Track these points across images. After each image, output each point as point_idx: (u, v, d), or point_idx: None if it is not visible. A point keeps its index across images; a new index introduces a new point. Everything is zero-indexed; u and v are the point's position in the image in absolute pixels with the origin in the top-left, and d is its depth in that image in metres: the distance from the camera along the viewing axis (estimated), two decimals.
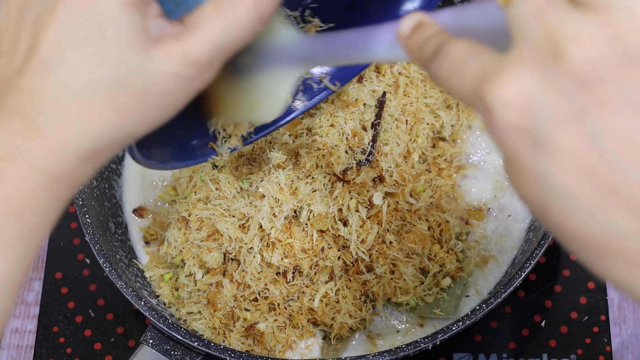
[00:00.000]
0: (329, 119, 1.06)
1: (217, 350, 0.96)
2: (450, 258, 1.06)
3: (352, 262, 1.04)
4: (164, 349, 0.98)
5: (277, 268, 1.03)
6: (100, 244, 1.02)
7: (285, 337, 1.04)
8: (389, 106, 1.08)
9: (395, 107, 1.09)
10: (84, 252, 1.16)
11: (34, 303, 1.22)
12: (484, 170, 1.13)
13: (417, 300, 1.06)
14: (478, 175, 1.13)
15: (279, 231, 1.02)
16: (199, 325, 1.04)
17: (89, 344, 1.11)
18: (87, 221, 1.03)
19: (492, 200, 1.12)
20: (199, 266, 1.06)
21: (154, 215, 1.14)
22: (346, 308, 1.04)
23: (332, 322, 1.04)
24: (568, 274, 1.13)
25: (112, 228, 1.10)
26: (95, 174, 1.11)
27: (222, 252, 1.04)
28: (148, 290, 1.07)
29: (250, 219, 1.03)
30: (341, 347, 1.04)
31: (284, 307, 1.04)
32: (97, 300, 1.14)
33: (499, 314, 1.12)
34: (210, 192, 1.06)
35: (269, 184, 1.02)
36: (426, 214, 1.07)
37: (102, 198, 1.11)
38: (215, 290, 1.04)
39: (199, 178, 1.08)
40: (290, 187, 1.02)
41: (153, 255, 1.10)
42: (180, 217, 1.06)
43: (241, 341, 1.04)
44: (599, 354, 1.09)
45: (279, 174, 1.02)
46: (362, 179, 1.03)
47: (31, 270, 1.24)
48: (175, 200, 1.12)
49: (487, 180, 1.13)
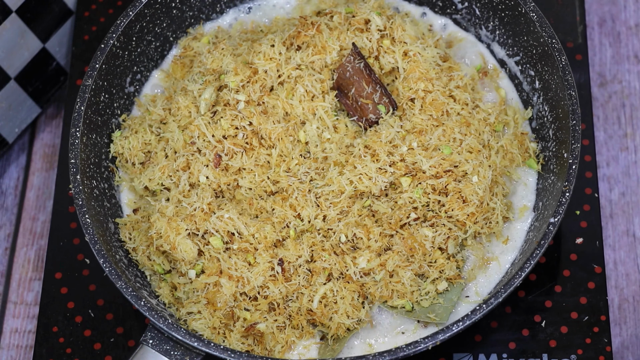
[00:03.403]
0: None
1: (217, 350, 0.96)
2: (451, 265, 1.06)
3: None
4: (164, 349, 0.98)
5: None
6: (100, 244, 1.02)
7: (285, 338, 1.04)
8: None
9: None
10: (84, 252, 1.16)
11: (33, 303, 1.22)
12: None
13: (412, 304, 1.06)
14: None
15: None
16: (198, 325, 1.04)
17: (88, 344, 1.11)
18: (87, 221, 1.03)
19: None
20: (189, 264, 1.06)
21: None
22: (344, 309, 1.04)
23: (329, 322, 1.04)
24: (568, 274, 1.13)
25: (112, 228, 1.10)
26: (95, 174, 1.11)
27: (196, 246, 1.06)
28: (148, 291, 1.07)
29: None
30: (338, 347, 1.04)
31: (284, 307, 1.05)
32: (97, 300, 1.14)
33: (499, 314, 1.11)
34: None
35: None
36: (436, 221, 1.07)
37: (102, 198, 1.11)
38: (214, 290, 1.04)
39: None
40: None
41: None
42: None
43: (241, 341, 1.04)
44: (599, 354, 1.09)
45: None
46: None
47: (31, 270, 1.24)
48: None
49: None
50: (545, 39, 1.09)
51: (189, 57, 1.20)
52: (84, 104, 1.09)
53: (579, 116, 1.05)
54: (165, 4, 1.18)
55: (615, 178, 1.26)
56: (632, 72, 1.32)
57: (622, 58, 1.33)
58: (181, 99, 1.13)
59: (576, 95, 1.06)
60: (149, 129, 1.14)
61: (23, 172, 1.31)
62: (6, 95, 1.25)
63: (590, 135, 1.19)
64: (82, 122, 1.08)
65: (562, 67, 1.07)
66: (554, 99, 1.10)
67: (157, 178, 1.11)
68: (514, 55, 1.17)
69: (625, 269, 1.21)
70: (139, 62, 1.19)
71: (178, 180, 1.10)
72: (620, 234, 1.23)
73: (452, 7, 1.21)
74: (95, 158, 1.12)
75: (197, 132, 1.10)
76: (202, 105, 1.12)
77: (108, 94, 1.14)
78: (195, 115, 1.12)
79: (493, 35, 1.19)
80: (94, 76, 1.11)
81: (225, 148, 1.09)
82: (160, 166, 1.11)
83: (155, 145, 1.13)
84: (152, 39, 1.19)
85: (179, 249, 1.06)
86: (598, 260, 1.13)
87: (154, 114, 1.15)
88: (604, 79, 1.32)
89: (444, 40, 1.20)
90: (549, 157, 1.11)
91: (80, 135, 1.08)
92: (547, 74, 1.11)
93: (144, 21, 1.17)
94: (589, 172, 1.17)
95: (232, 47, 1.16)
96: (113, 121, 1.16)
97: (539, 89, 1.14)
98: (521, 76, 1.17)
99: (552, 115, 1.11)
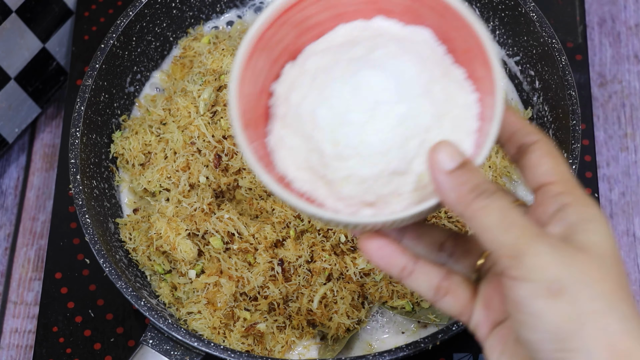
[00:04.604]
0: None
1: (217, 350, 0.96)
2: None
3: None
4: (164, 349, 0.98)
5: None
6: (100, 244, 1.02)
7: (285, 338, 1.04)
8: None
9: None
10: (84, 252, 1.16)
11: (33, 303, 1.22)
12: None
13: (412, 304, 1.06)
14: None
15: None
16: (198, 325, 1.04)
17: (88, 344, 1.11)
18: (87, 221, 1.03)
19: None
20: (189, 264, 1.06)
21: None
22: (344, 309, 1.04)
23: (329, 322, 1.04)
24: None
25: (112, 228, 1.10)
26: (95, 174, 1.11)
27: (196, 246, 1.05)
28: (148, 291, 1.07)
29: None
30: (338, 347, 1.04)
31: (284, 307, 1.05)
32: (97, 300, 1.14)
33: None
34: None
35: None
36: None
37: (102, 198, 1.11)
38: (214, 290, 1.04)
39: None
40: None
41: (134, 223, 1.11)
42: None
43: (241, 341, 1.04)
44: None
45: None
46: None
47: (31, 270, 1.24)
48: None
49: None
50: (545, 39, 1.09)
51: (189, 58, 1.20)
52: (84, 104, 1.09)
53: (579, 116, 1.05)
54: (165, 4, 1.18)
55: (615, 178, 1.26)
56: (632, 72, 1.32)
57: (622, 58, 1.33)
58: (180, 100, 1.13)
59: (576, 95, 1.06)
60: (149, 130, 1.14)
61: (23, 172, 1.31)
62: (6, 95, 1.25)
63: (590, 135, 1.19)
64: (82, 122, 1.08)
65: (562, 67, 1.07)
66: (554, 99, 1.10)
67: (156, 180, 1.11)
68: (514, 55, 1.17)
69: (625, 269, 1.21)
70: (139, 62, 1.19)
71: (178, 180, 1.10)
72: (620, 234, 1.23)
73: None
74: (95, 158, 1.12)
75: (197, 132, 1.10)
76: (201, 106, 1.12)
77: (108, 94, 1.14)
78: (195, 115, 1.12)
79: (493, 35, 1.19)
80: (94, 76, 1.11)
81: (225, 148, 1.09)
82: (159, 168, 1.11)
83: (155, 146, 1.13)
84: (152, 39, 1.19)
85: (179, 249, 1.06)
86: None
87: (154, 115, 1.15)
88: (604, 79, 1.32)
89: None
90: None
91: (80, 135, 1.08)
92: (547, 74, 1.11)
93: (144, 21, 1.17)
94: (588, 172, 1.17)
95: (232, 48, 1.16)
96: (113, 121, 1.16)
97: (539, 89, 1.14)
98: (521, 76, 1.17)
99: (552, 115, 1.11)
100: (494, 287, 0.76)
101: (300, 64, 0.79)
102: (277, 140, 0.78)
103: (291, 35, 0.80)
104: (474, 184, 0.69)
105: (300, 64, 0.79)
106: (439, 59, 0.78)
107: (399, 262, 0.76)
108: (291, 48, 0.81)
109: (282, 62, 0.81)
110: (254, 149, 0.76)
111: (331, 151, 0.74)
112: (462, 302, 0.77)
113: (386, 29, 0.80)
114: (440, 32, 0.79)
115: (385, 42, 0.77)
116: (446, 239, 0.80)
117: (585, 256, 0.67)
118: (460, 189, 0.69)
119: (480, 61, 0.76)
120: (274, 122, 0.79)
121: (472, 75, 0.77)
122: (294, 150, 0.76)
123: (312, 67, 0.77)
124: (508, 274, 0.67)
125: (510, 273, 0.66)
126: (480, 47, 0.75)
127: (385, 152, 0.73)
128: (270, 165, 0.78)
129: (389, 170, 0.73)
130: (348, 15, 0.81)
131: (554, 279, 0.65)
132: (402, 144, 0.73)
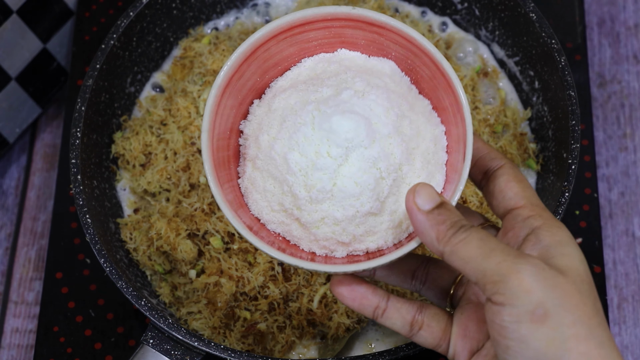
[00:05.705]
0: None
1: (217, 350, 0.97)
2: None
3: None
4: (164, 349, 0.98)
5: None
6: (101, 244, 1.02)
7: (285, 337, 1.04)
8: None
9: None
10: (84, 252, 1.16)
11: (34, 303, 1.22)
12: None
13: None
14: None
15: None
16: (199, 325, 1.04)
17: (89, 344, 1.12)
18: (87, 221, 1.03)
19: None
20: (190, 264, 1.07)
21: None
22: (343, 308, 1.04)
23: (329, 322, 1.05)
24: None
25: (113, 228, 1.10)
26: (96, 174, 1.11)
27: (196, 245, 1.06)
28: (148, 290, 1.07)
29: None
30: (338, 347, 1.04)
31: (284, 307, 1.05)
32: (98, 300, 1.14)
33: None
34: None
35: None
36: None
37: (102, 198, 1.11)
38: (214, 290, 1.05)
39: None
40: None
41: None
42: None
43: (241, 341, 1.04)
44: None
45: None
46: None
47: (31, 270, 1.24)
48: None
49: None
50: (544, 40, 1.10)
51: (189, 58, 1.20)
52: (85, 104, 1.09)
53: (579, 116, 1.05)
54: (165, 4, 1.18)
55: (614, 178, 1.26)
56: (632, 73, 1.33)
57: (622, 58, 1.33)
58: (180, 100, 1.13)
59: (575, 95, 1.06)
60: (150, 130, 1.14)
61: (24, 172, 1.31)
62: (7, 95, 1.25)
63: (590, 135, 1.19)
64: (83, 122, 1.09)
65: (562, 68, 1.07)
66: (554, 99, 1.10)
67: (155, 181, 1.11)
68: (513, 56, 1.17)
69: (624, 269, 1.21)
70: (140, 62, 1.19)
71: (178, 180, 1.11)
72: (620, 233, 1.23)
73: (452, 7, 1.21)
74: (96, 158, 1.12)
75: (197, 132, 1.11)
76: (201, 106, 1.12)
77: (109, 95, 1.15)
78: (195, 115, 1.12)
79: (493, 35, 1.19)
80: (95, 76, 1.11)
81: None
82: (159, 168, 1.11)
83: (155, 147, 1.13)
84: (152, 39, 1.19)
85: (179, 249, 1.06)
86: (597, 260, 1.13)
87: (154, 115, 1.15)
88: (603, 79, 1.32)
89: (443, 41, 1.20)
90: (548, 157, 1.11)
91: (81, 136, 1.08)
92: (547, 74, 1.11)
93: (145, 22, 1.17)
94: (588, 172, 1.18)
95: (232, 48, 1.16)
96: (114, 121, 1.16)
97: (539, 89, 1.14)
98: (521, 76, 1.17)
99: (551, 116, 1.11)
100: (468, 316, 0.77)
101: (267, 103, 0.81)
102: (249, 182, 0.80)
103: (257, 73, 0.82)
104: (452, 221, 0.71)
105: (267, 103, 0.81)
106: (405, 92, 0.80)
107: (371, 302, 0.78)
108: (257, 85, 0.82)
109: (249, 100, 0.82)
110: (226, 191, 0.78)
111: (305, 195, 0.75)
112: (437, 334, 0.78)
113: (351, 61, 0.81)
114: (403, 63, 0.81)
115: (352, 79, 0.78)
116: (417, 266, 0.82)
117: (565, 280, 0.68)
118: (439, 228, 0.71)
119: (444, 89, 0.78)
120: (245, 162, 0.80)
121: (438, 106, 0.79)
122: (268, 193, 0.78)
123: (279, 107, 0.79)
124: (494, 300, 0.68)
125: (495, 299, 0.67)
126: (444, 75, 0.77)
127: (358, 194, 0.75)
128: (244, 207, 0.79)
129: (363, 211, 0.75)
130: (312, 49, 0.82)
131: (538, 303, 0.66)
132: (375, 185, 0.75)
